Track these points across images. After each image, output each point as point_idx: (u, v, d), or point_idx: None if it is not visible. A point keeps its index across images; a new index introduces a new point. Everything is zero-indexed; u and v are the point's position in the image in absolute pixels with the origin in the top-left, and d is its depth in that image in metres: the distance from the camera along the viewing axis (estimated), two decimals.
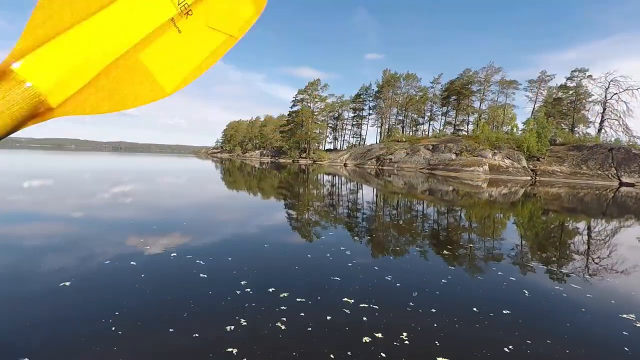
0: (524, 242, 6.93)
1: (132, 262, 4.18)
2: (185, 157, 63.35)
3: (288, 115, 74.69)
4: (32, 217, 6.76)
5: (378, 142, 66.55)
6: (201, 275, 3.83)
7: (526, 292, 3.83)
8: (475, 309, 3.29)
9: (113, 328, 2.60)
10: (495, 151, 40.64)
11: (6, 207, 7.65)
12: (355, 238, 6.35)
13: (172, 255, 4.53)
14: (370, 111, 74.78)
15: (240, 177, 21.75)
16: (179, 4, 0.38)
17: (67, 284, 3.44)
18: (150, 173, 21.41)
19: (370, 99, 74.17)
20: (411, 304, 3.35)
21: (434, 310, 3.21)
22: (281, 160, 65.08)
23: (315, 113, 69.66)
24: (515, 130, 48.63)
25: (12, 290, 3.32)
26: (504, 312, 3.26)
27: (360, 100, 75.62)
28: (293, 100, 72.07)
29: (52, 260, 4.23)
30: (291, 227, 7.20)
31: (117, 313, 2.85)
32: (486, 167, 37.62)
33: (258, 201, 11.50)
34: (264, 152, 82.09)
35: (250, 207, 9.96)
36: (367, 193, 15.84)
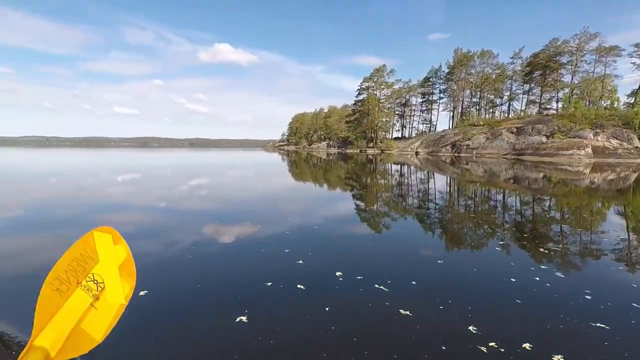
0: (632, 237, 5.75)
1: (223, 248, 4.58)
2: (253, 151, 67.55)
3: (353, 104, 73.87)
4: (125, 207, 7.89)
5: (451, 127, 62.11)
6: (299, 262, 4.01)
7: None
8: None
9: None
10: (597, 130, 34.64)
11: (105, 198, 9.06)
12: (438, 232, 5.99)
13: (269, 244, 4.84)
14: (441, 95, 69.97)
15: (309, 169, 22.34)
16: (92, 295, 0.89)
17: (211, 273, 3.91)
18: (236, 166, 23.26)
19: (441, 81, 69.28)
20: (496, 297, 3.03)
21: (507, 302, 2.84)
22: (348, 151, 64.77)
23: (382, 101, 67.68)
24: (616, 104, 40.76)
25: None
26: None
27: (430, 84, 71.13)
28: (358, 89, 70.87)
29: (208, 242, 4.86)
30: (367, 220, 7.10)
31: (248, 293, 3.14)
32: (588, 150, 32.35)
33: (333, 193, 11.66)
34: (331, 143, 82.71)
35: (326, 199, 10.15)
36: (442, 183, 14.87)
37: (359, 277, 3.55)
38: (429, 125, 72.90)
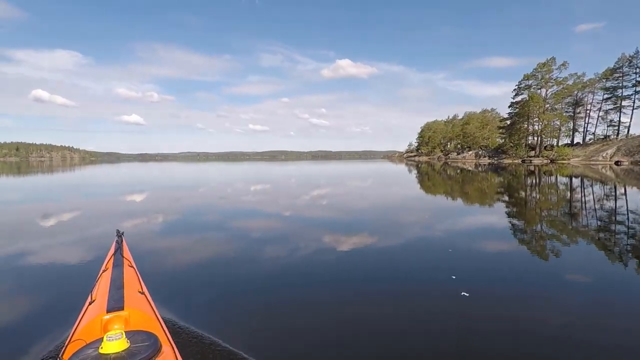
0: None
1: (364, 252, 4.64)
2: (380, 162, 67.85)
3: (509, 106, 65.47)
4: (259, 213, 8.91)
5: None
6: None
7: None
8: None
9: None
10: None
11: (238, 205, 10.47)
12: None
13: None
14: (638, 89, 55.04)
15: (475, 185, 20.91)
16: None
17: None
18: (374, 181, 24.05)
19: (635, 71, 54.74)
20: None
21: None
22: (506, 161, 56.66)
23: (549, 100, 58.05)
24: None
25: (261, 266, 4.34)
26: None
27: (618, 75, 57.09)
28: (516, 88, 62.58)
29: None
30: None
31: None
32: None
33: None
34: (480, 152, 74.89)
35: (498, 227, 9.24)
36: None
37: None
38: (616, 128, 58.23)
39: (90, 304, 2.17)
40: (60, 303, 3.37)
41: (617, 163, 40.33)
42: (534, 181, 20.03)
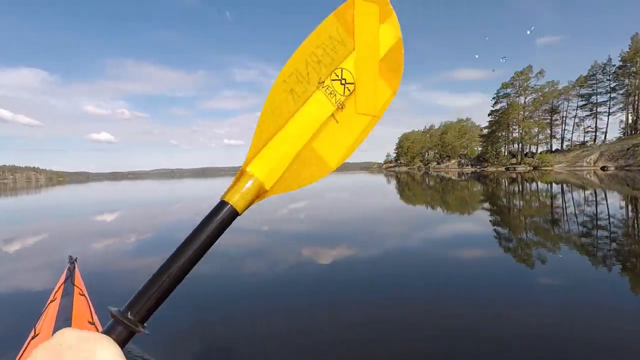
0: None
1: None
2: (358, 174, 68.49)
3: (489, 114, 67.92)
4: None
5: (630, 133, 50.84)
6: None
7: None
8: None
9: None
10: None
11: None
12: None
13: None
14: (612, 95, 58.31)
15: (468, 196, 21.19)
16: (335, 102, 0.62)
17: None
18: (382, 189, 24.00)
19: (608, 78, 58.17)
20: None
21: None
22: (489, 169, 58.09)
23: (527, 108, 60.63)
24: None
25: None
26: None
27: (593, 82, 60.48)
28: (495, 97, 65.33)
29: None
30: None
31: None
32: None
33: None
34: (463, 161, 76.83)
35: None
36: None
37: None
38: (592, 134, 61.28)
39: (32, 338, 1.96)
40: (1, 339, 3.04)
41: (603, 168, 41.48)
42: (517, 189, 20.63)
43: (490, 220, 9.16)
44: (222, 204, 0.53)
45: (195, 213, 12.41)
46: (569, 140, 63.81)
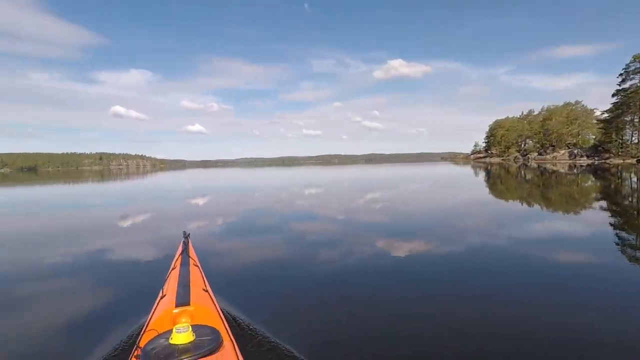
0: None
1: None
2: (441, 165, 64.81)
3: (613, 95, 55.48)
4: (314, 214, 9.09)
5: None
6: None
7: None
8: None
9: None
10: None
11: (293, 208, 10.74)
12: None
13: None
14: None
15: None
16: None
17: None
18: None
19: None
20: None
21: None
22: (613, 161, 47.32)
23: None
24: None
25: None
26: None
27: None
28: (623, 73, 53.45)
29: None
30: None
31: None
32: None
33: None
34: (576, 151, 65.21)
35: None
36: None
37: None
38: None
39: (161, 298, 2.44)
40: (135, 296, 3.83)
41: None
42: None
43: (606, 222, 8.08)
44: None
45: (277, 200, 13.26)
46: None
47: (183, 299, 2.26)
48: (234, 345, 1.95)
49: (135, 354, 1.80)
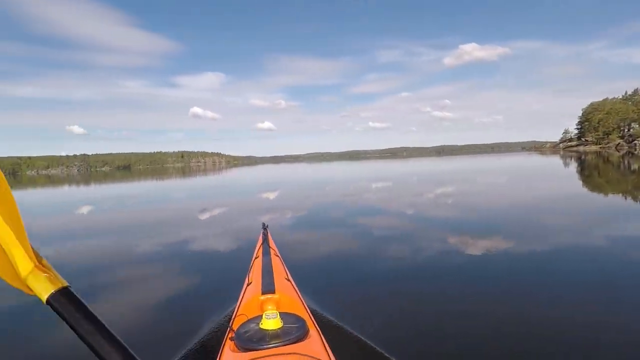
0: None
1: None
2: (522, 155, 59.11)
3: None
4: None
5: None
6: None
7: None
8: None
9: None
10: None
11: (363, 202, 10.66)
12: None
13: None
14: None
15: None
16: None
17: None
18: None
19: None
20: None
21: None
22: None
23: None
24: None
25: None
26: None
27: None
28: None
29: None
30: None
31: None
32: None
33: None
34: None
35: None
36: None
37: None
38: None
39: (247, 285, 2.59)
40: (224, 281, 4.15)
41: None
42: None
43: None
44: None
45: (345, 194, 13.32)
46: None
47: (268, 287, 2.37)
48: (319, 334, 1.99)
49: (229, 335, 1.92)
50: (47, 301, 0.50)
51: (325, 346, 1.88)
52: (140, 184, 29.12)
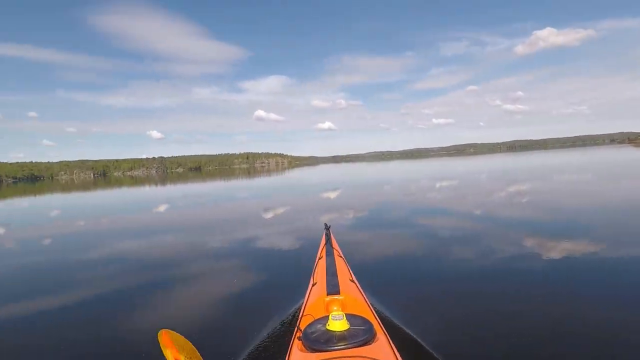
0: None
1: None
2: (609, 149, 52.10)
3: None
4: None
5: None
6: None
7: None
8: None
9: None
10: None
11: (425, 202, 10.22)
12: None
13: None
14: None
15: None
16: None
17: None
18: None
19: None
20: None
21: None
22: None
23: None
24: None
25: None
26: None
27: None
28: None
29: None
30: None
31: None
32: None
33: None
34: None
35: None
36: None
37: None
38: None
39: (312, 285, 2.61)
40: (288, 280, 4.24)
41: None
42: None
43: None
44: None
45: (407, 193, 12.96)
46: None
47: (333, 288, 2.36)
48: (387, 337, 1.93)
49: (297, 335, 1.96)
50: None
51: (393, 350, 1.82)
52: (211, 184, 31.22)
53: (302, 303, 2.45)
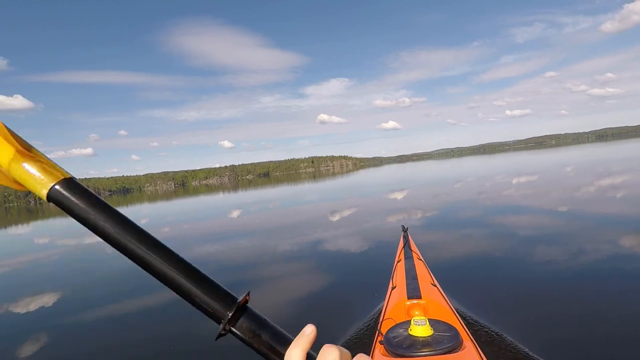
0: None
1: None
2: None
3: None
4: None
5: None
6: None
7: None
8: None
9: None
10: None
11: (500, 201, 9.47)
12: None
13: None
14: None
15: None
16: None
17: None
18: None
19: None
20: None
21: None
22: None
23: None
24: None
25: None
26: None
27: None
28: None
29: None
30: None
31: None
32: None
33: None
34: None
35: None
36: None
37: None
38: None
39: (392, 289, 2.60)
40: (366, 283, 4.23)
41: None
42: None
43: None
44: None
45: (480, 192, 12.18)
46: None
47: (414, 292, 2.33)
48: (475, 345, 1.86)
49: (379, 339, 1.97)
50: (49, 197, 0.39)
51: (482, 359, 1.75)
52: (281, 189, 32.46)
53: (382, 306, 2.44)
